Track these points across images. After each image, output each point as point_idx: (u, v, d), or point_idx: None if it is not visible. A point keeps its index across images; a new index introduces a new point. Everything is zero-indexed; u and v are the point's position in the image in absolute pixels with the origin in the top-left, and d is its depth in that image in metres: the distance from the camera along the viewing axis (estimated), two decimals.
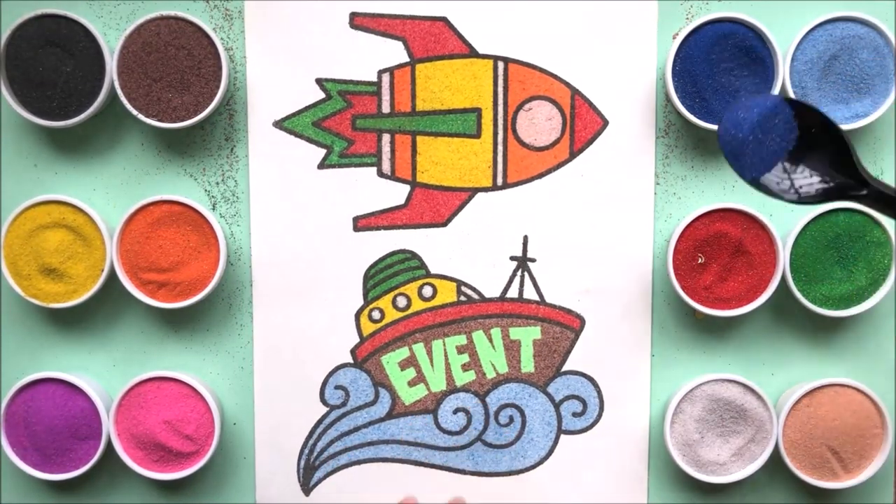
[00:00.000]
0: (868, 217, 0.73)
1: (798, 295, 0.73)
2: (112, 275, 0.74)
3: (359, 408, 0.78)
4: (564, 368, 0.77)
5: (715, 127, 0.72)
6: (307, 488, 0.78)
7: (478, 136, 0.75)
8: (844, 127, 0.73)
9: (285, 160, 0.76)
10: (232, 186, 0.76)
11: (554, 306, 0.77)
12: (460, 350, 0.77)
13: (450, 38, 0.75)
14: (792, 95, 0.72)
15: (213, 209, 0.76)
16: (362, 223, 0.76)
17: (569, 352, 0.77)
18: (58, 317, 0.77)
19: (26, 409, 0.74)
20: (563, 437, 0.78)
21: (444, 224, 0.76)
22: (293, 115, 0.75)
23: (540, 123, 0.75)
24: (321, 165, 0.76)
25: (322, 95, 0.75)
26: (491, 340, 0.77)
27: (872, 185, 0.53)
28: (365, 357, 0.77)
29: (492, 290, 0.77)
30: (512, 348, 0.77)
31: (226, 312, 0.77)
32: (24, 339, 0.77)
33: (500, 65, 0.75)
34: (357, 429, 0.78)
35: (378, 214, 0.76)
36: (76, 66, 0.72)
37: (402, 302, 0.77)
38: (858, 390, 0.74)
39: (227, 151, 0.76)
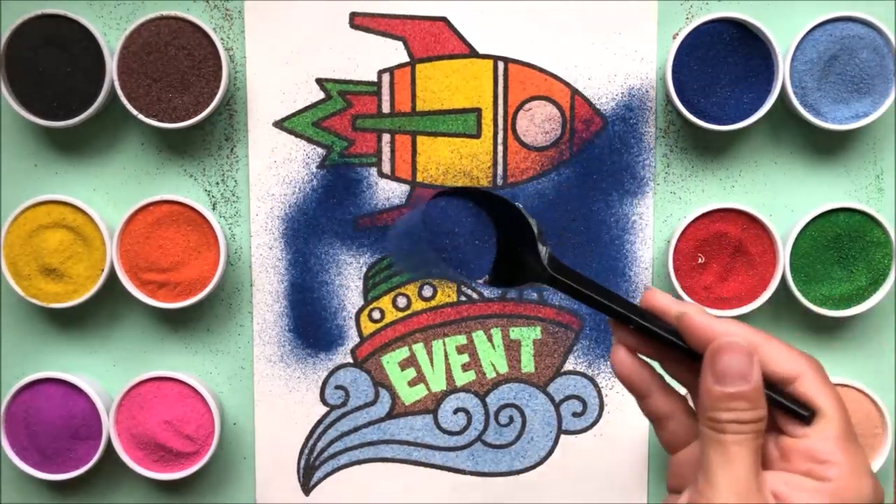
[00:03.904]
0: (868, 217, 0.73)
1: (798, 295, 0.73)
2: (112, 275, 0.74)
3: (359, 408, 0.78)
4: (564, 368, 0.77)
5: (715, 127, 0.72)
6: (307, 488, 0.78)
7: (478, 136, 0.76)
8: (844, 127, 0.73)
9: (285, 160, 0.76)
10: (232, 186, 0.76)
11: (554, 306, 0.77)
12: (460, 350, 0.77)
13: (450, 38, 0.75)
14: (792, 95, 0.72)
15: (213, 209, 0.76)
16: (362, 223, 0.76)
17: (569, 352, 0.77)
18: (58, 317, 0.77)
19: (26, 409, 0.74)
20: (563, 437, 0.78)
21: None
22: (293, 115, 0.75)
23: (540, 123, 0.75)
24: (321, 165, 0.76)
25: (322, 95, 0.75)
26: (491, 340, 0.77)
27: (548, 271, 0.50)
28: (365, 357, 0.77)
29: (492, 290, 0.77)
30: (512, 348, 0.77)
31: (226, 312, 0.77)
32: (24, 339, 0.77)
33: (500, 65, 0.75)
34: (357, 429, 0.78)
35: (378, 214, 0.76)
36: (76, 66, 0.72)
37: (402, 302, 0.77)
38: (858, 390, 0.74)
39: (227, 151, 0.76)
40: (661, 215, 0.76)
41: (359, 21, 0.75)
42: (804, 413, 0.46)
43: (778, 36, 0.72)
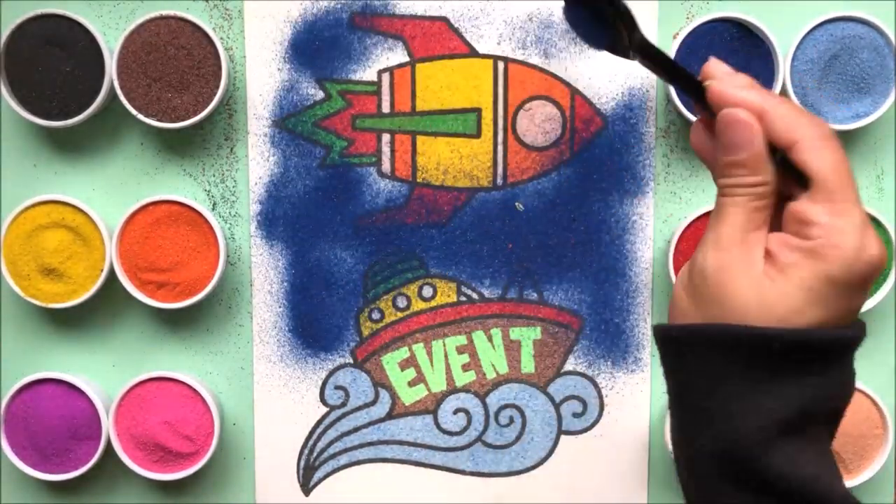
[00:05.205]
0: (868, 217, 0.73)
1: None
2: (111, 275, 0.74)
3: (359, 408, 0.78)
4: (564, 369, 0.77)
5: None
6: (307, 488, 0.78)
7: (478, 136, 0.75)
8: (845, 127, 0.73)
9: (285, 160, 0.76)
10: (232, 186, 0.76)
11: (554, 306, 0.77)
12: (460, 350, 0.77)
13: (450, 38, 0.75)
14: (792, 95, 0.72)
15: (213, 209, 0.76)
16: (362, 223, 0.76)
17: (569, 352, 0.77)
18: (58, 317, 0.77)
19: (26, 409, 0.74)
20: (563, 437, 0.78)
21: (444, 224, 0.76)
22: (293, 114, 0.75)
23: (540, 123, 0.75)
24: (321, 165, 0.76)
25: (322, 95, 0.75)
26: (491, 340, 0.77)
27: (642, 43, 0.54)
28: (365, 357, 0.77)
29: (492, 290, 0.76)
30: (512, 348, 0.77)
31: (225, 313, 0.77)
32: (24, 339, 0.77)
33: (500, 65, 0.75)
34: (357, 429, 0.78)
35: (378, 214, 0.76)
36: (76, 66, 0.72)
37: (402, 302, 0.77)
38: (858, 390, 0.74)
39: (226, 151, 0.76)
40: (661, 215, 0.76)
41: (359, 21, 0.75)
42: (804, 177, 0.46)
43: (778, 36, 0.72)
